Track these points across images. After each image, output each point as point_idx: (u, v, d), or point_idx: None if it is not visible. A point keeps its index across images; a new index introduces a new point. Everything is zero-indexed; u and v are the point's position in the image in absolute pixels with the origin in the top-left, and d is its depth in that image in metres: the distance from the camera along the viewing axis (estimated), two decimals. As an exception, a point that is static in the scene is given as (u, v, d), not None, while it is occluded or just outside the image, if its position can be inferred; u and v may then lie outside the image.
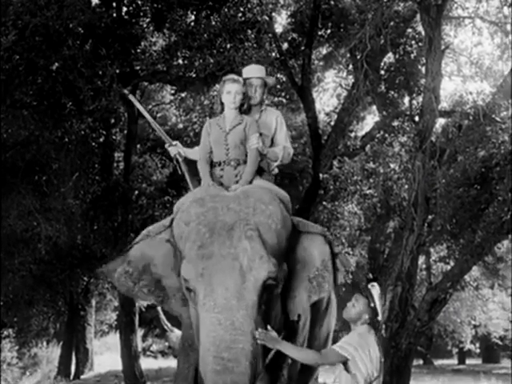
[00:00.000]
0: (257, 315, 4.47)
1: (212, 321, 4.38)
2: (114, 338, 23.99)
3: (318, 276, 5.02)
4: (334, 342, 5.39)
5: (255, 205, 4.81)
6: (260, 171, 5.56)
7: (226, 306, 4.38)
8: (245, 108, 5.59)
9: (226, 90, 5.46)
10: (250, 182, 5.28)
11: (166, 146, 5.83)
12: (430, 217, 14.69)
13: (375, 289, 5.33)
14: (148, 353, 29.22)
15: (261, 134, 5.54)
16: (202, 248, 4.61)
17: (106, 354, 24.87)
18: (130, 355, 16.55)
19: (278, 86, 16.77)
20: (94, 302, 22.12)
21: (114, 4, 13.10)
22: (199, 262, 4.55)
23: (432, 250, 19.07)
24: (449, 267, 15.56)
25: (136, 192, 17.67)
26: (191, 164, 5.83)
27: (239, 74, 5.77)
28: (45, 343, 23.08)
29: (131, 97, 5.89)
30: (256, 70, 5.92)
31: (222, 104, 5.58)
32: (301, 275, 5.03)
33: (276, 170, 5.90)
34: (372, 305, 5.22)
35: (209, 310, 4.43)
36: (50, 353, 23.03)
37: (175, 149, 5.79)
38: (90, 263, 16.49)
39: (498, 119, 13.42)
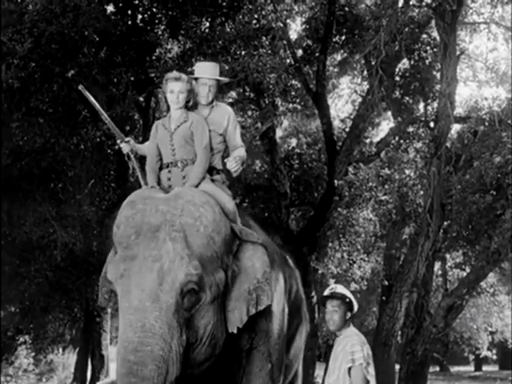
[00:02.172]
0: (172, 319, 4.34)
1: (124, 322, 4.36)
2: (130, 345, 24.01)
3: (257, 288, 4.91)
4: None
5: (183, 206, 4.70)
6: (211, 170, 5.34)
7: (138, 308, 4.31)
8: (191, 104, 5.38)
9: (169, 89, 5.24)
10: (197, 185, 5.07)
11: (118, 141, 5.67)
12: (445, 223, 14.63)
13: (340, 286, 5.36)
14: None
15: (210, 131, 5.31)
16: (127, 249, 4.58)
17: (121, 361, 24.89)
18: (145, 362, 16.54)
19: (293, 93, 16.77)
20: (109, 309, 22.15)
21: (129, 12, 13.15)
22: (121, 264, 4.52)
23: (448, 256, 18.95)
24: (465, 273, 15.49)
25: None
26: (144, 160, 5.66)
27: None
28: (61, 350, 23.10)
29: (82, 89, 5.60)
30: (209, 70, 5.55)
31: (167, 103, 5.40)
32: (243, 286, 4.91)
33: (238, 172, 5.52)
34: (347, 300, 5.22)
35: (123, 311, 4.41)
36: (66, 359, 23.07)
37: (128, 146, 5.59)
38: (105, 270, 16.56)
39: (513, 125, 13.36)
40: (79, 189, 12.40)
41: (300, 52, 16.55)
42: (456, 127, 16.25)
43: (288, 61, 15.30)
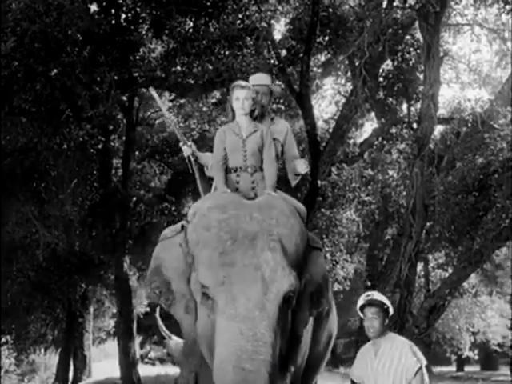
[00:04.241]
0: (277, 327, 4.38)
1: (233, 330, 4.28)
2: (112, 345, 23.95)
3: (317, 291, 5.02)
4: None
5: (278, 216, 4.75)
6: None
7: (248, 316, 4.29)
8: (256, 114, 5.53)
9: (235, 97, 5.39)
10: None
11: (181, 144, 5.69)
12: (428, 224, 14.71)
13: (377, 294, 5.44)
14: (146, 360, 29.16)
15: (274, 139, 5.50)
16: (224, 255, 4.51)
17: (104, 361, 24.80)
18: (128, 362, 16.53)
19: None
20: (92, 309, 22.07)
21: (113, 11, 13.09)
22: (220, 270, 4.45)
23: (430, 256, 19.06)
24: (447, 274, 15.56)
25: (134, 199, 17.69)
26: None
27: (244, 79, 5.73)
28: (43, 350, 22.99)
29: (151, 91, 5.79)
30: (261, 78, 5.90)
31: (232, 111, 5.47)
32: (307, 289, 4.97)
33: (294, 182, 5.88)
34: (385, 306, 5.32)
35: (229, 318, 4.32)
36: (48, 359, 22.96)
37: (189, 149, 5.66)
38: (88, 270, 16.52)
39: (496, 126, 13.46)
40: (62, 188, 12.33)
41: (284, 52, 16.55)
42: (439, 128, 16.34)
43: (272, 61, 15.30)
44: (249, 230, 4.61)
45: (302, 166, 5.48)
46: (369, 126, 20.81)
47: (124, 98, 15.34)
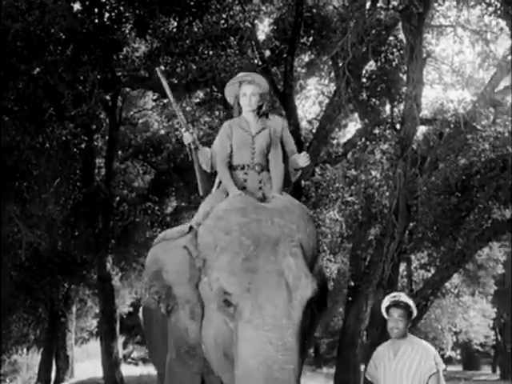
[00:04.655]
0: (301, 334, 4.32)
1: (262, 339, 4.17)
2: (95, 345, 23.86)
3: (322, 293, 4.96)
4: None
5: (298, 222, 4.67)
6: None
7: (276, 325, 4.20)
8: (263, 111, 5.42)
9: (242, 92, 5.29)
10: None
11: (183, 130, 5.48)
12: (411, 224, 14.75)
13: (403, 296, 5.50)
14: (129, 360, 29.12)
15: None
16: (247, 261, 4.37)
17: (86, 361, 24.69)
18: (110, 362, 16.50)
19: (261, 93, 16.81)
20: (74, 309, 21.99)
21: (96, 10, 13.08)
22: (245, 276, 4.31)
23: (413, 257, 19.13)
24: (430, 274, 15.64)
25: (117, 198, 17.65)
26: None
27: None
28: (25, 350, 22.87)
29: (159, 70, 5.61)
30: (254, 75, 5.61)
31: (239, 106, 5.36)
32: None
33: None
34: (410, 309, 5.40)
35: (257, 327, 4.21)
36: (30, 359, 22.81)
37: (190, 136, 5.43)
38: (70, 270, 16.47)
39: (478, 127, 13.53)
40: (45, 188, 12.28)
41: (268, 52, 16.55)
42: (422, 129, 16.39)
43: (256, 61, 15.30)
44: (271, 235, 4.49)
45: (304, 159, 5.25)
46: (352, 127, 20.88)
47: (107, 98, 15.30)
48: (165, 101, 16.59)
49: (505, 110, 14.26)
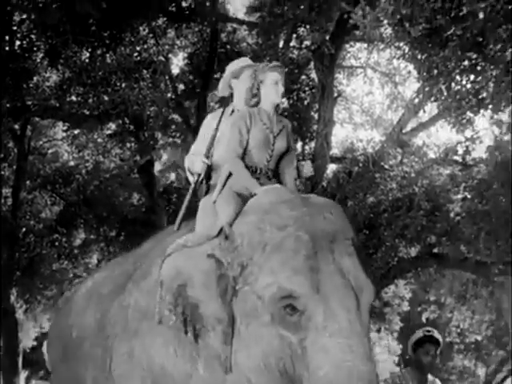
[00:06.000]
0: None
1: (342, 348, 3.54)
2: (-4, 381, 23.14)
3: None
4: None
5: (343, 219, 4.06)
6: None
7: (353, 331, 3.59)
8: (253, 103, 4.51)
9: (271, 80, 4.38)
10: None
11: (204, 159, 4.62)
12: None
13: None
14: (32, 396, 28.35)
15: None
16: (309, 259, 3.66)
17: (-14, 397, 23.94)
18: (12, 398, 16.04)
19: (173, 127, 16.75)
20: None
21: (7, 37, 12.86)
22: (312, 275, 3.62)
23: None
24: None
25: (23, 229, 17.24)
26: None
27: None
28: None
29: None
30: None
31: (257, 96, 4.48)
32: None
33: None
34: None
35: (334, 334, 3.55)
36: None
37: (205, 166, 4.60)
38: (-28, 301, 15.98)
39: (386, 167, 13.78)
40: None
41: (181, 86, 16.57)
42: (332, 167, 16.58)
43: (169, 95, 15.28)
44: (326, 231, 3.82)
45: (309, 169, 4.64)
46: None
47: (16, 126, 15.02)
48: (75, 131, 16.39)
49: (412, 150, 14.57)
